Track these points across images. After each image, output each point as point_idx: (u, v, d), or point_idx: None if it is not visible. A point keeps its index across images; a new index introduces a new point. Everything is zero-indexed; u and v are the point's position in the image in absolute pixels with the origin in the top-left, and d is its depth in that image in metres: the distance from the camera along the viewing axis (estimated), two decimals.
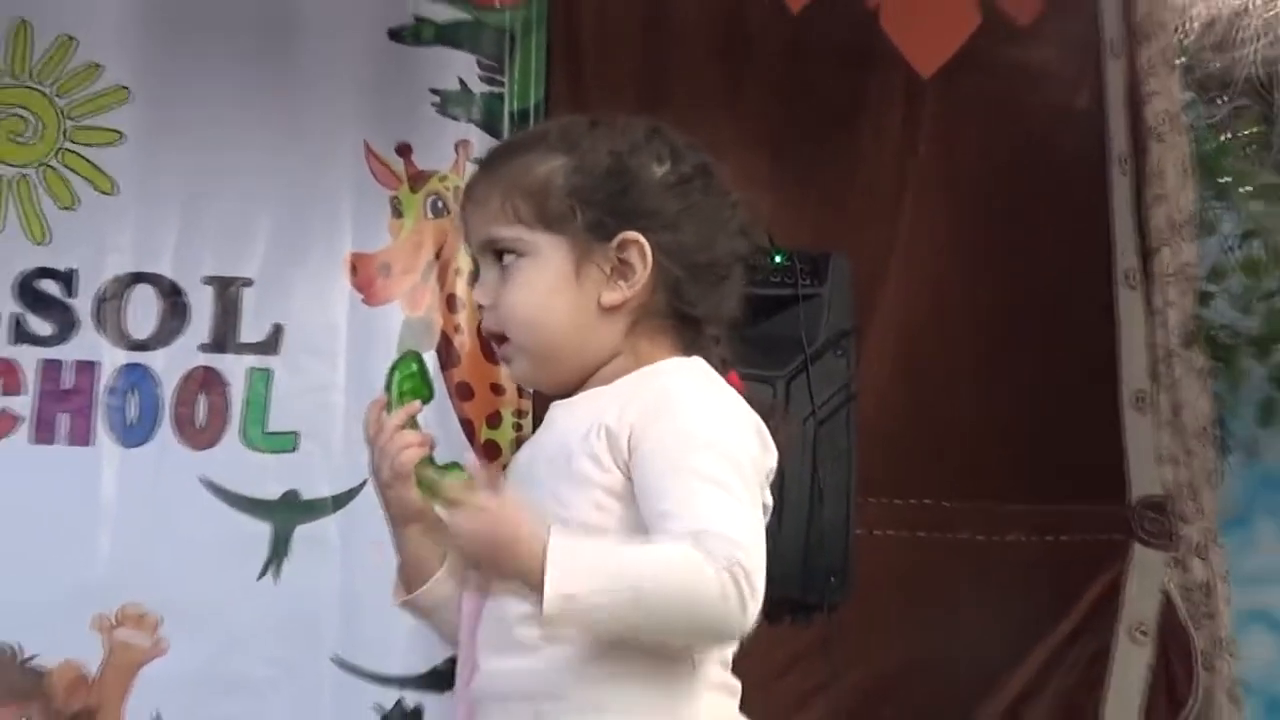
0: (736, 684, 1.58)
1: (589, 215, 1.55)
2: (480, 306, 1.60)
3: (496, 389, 2.88)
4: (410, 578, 1.58)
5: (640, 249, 1.52)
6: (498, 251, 1.56)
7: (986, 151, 3.16)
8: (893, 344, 3.10)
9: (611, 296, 1.54)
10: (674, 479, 1.45)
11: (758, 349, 1.95)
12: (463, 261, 2.85)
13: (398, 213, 2.91)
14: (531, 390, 2.24)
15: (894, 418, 2.99)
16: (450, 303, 2.91)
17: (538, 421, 1.61)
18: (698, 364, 1.57)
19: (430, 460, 1.49)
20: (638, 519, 1.43)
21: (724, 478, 1.47)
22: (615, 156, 1.56)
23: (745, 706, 1.60)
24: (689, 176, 1.59)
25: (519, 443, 2.45)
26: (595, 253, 1.54)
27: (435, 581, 1.56)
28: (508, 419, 2.82)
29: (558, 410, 1.57)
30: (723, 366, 1.59)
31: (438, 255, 2.92)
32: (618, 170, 1.56)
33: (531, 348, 1.55)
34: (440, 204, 2.92)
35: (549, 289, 1.54)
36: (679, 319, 1.57)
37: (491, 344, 1.59)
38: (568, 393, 1.57)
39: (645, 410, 1.49)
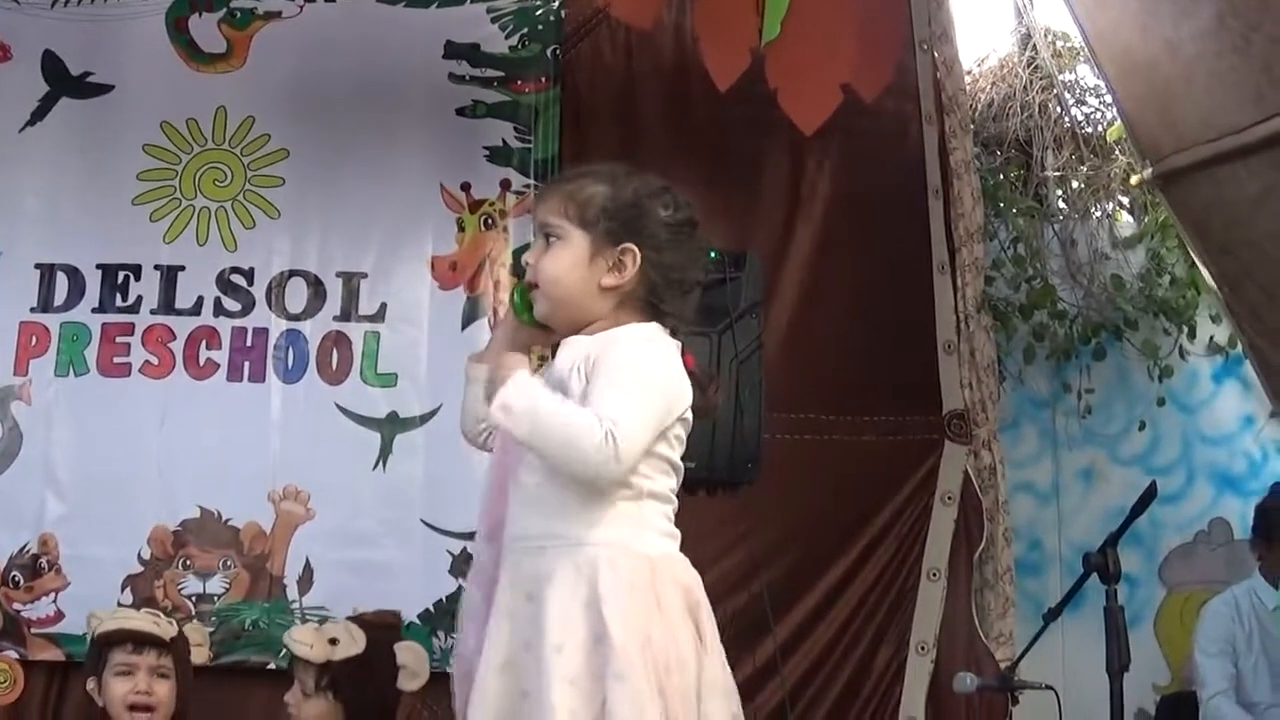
0: (677, 532, 2.24)
1: (608, 226, 2.25)
2: (527, 263, 2.35)
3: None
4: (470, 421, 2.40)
5: (634, 257, 2.23)
6: (546, 232, 2.29)
7: (846, 185, 4.35)
8: (787, 310, 4.28)
9: (607, 281, 2.24)
10: (602, 387, 2.13)
11: (700, 314, 2.47)
12: (505, 260, 4.25)
13: (461, 228, 4.28)
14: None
15: (788, 358, 4.13)
16: (496, 286, 4.24)
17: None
18: (649, 328, 2.24)
19: (522, 300, 2.30)
20: None
21: (630, 389, 2.13)
22: (637, 194, 2.27)
23: (686, 549, 2.25)
24: (680, 222, 2.29)
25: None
26: (605, 251, 2.24)
27: (483, 424, 2.35)
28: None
29: (561, 348, 2.27)
30: (680, 349, 2.25)
31: (488, 255, 4.27)
32: (636, 204, 2.26)
33: (549, 297, 2.27)
34: (490, 221, 4.27)
35: (569, 265, 2.25)
36: (650, 308, 2.26)
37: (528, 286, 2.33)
38: (567, 334, 2.27)
39: (604, 350, 2.17)
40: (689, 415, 2.24)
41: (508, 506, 2.26)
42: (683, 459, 2.28)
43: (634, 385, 2.15)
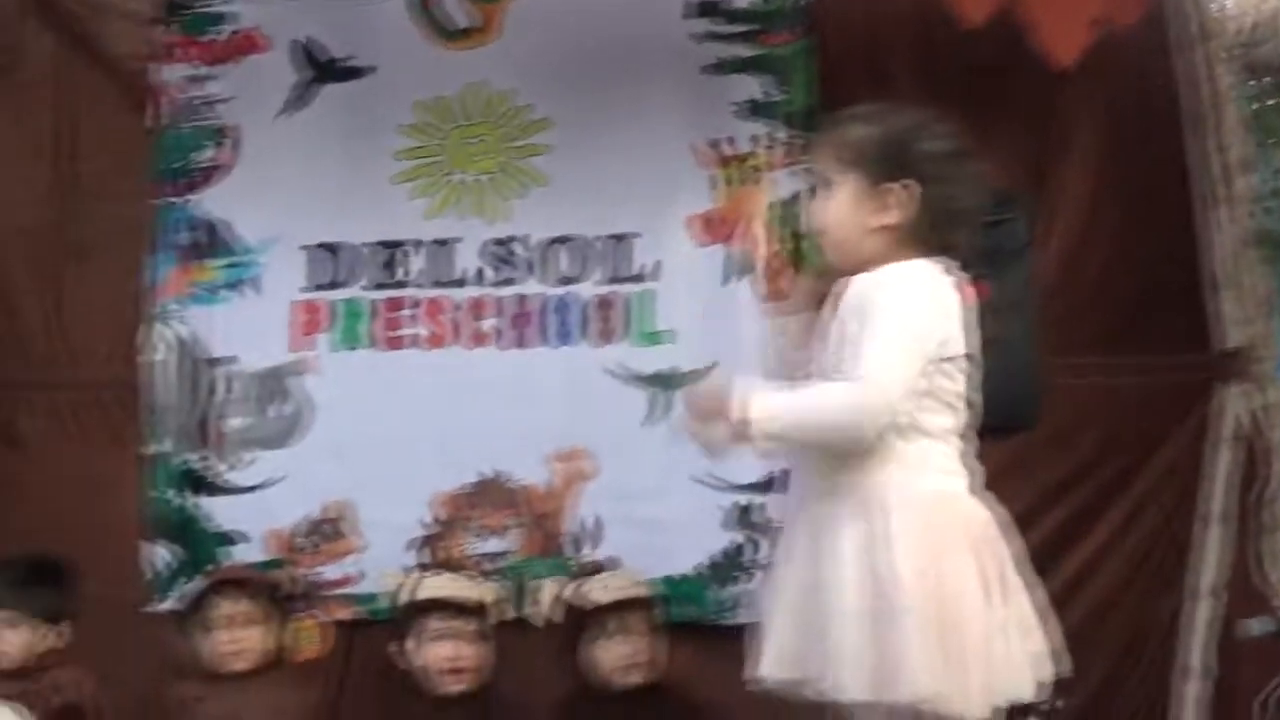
0: (964, 470, 2.36)
1: (880, 166, 2.37)
2: (808, 213, 2.63)
3: (777, 293, 4.15)
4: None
5: (909, 194, 2.36)
6: (823, 181, 2.45)
7: (1103, 121, 4.47)
8: (1052, 253, 4.41)
9: (885, 220, 2.37)
10: (861, 338, 2.27)
11: (981, 257, 2.53)
12: (764, 213, 4.48)
13: (720, 184, 4.52)
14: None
15: (1056, 302, 4.21)
16: (757, 240, 4.47)
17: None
18: (918, 265, 2.33)
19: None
20: None
21: (884, 335, 2.24)
22: (904, 131, 2.39)
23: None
24: (950, 153, 2.39)
25: None
26: (878, 191, 2.37)
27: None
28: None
29: (840, 285, 2.39)
30: (963, 280, 2.35)
31: (748, 210, 4.50)
32: (903, 140, 2.38)
33: (831, 244, 2.44)
34: (747, 176, 4.50)
35: (845, 209, 2.40)
36: (932, 241, 2.37)
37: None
38: (849, 274, 2.38)
39: (870, 292, 2.31)
40: (966, 350, 2.38)
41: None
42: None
43: (889, 330, 2.28)
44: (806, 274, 2.64)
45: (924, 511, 2.29)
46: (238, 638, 3.73)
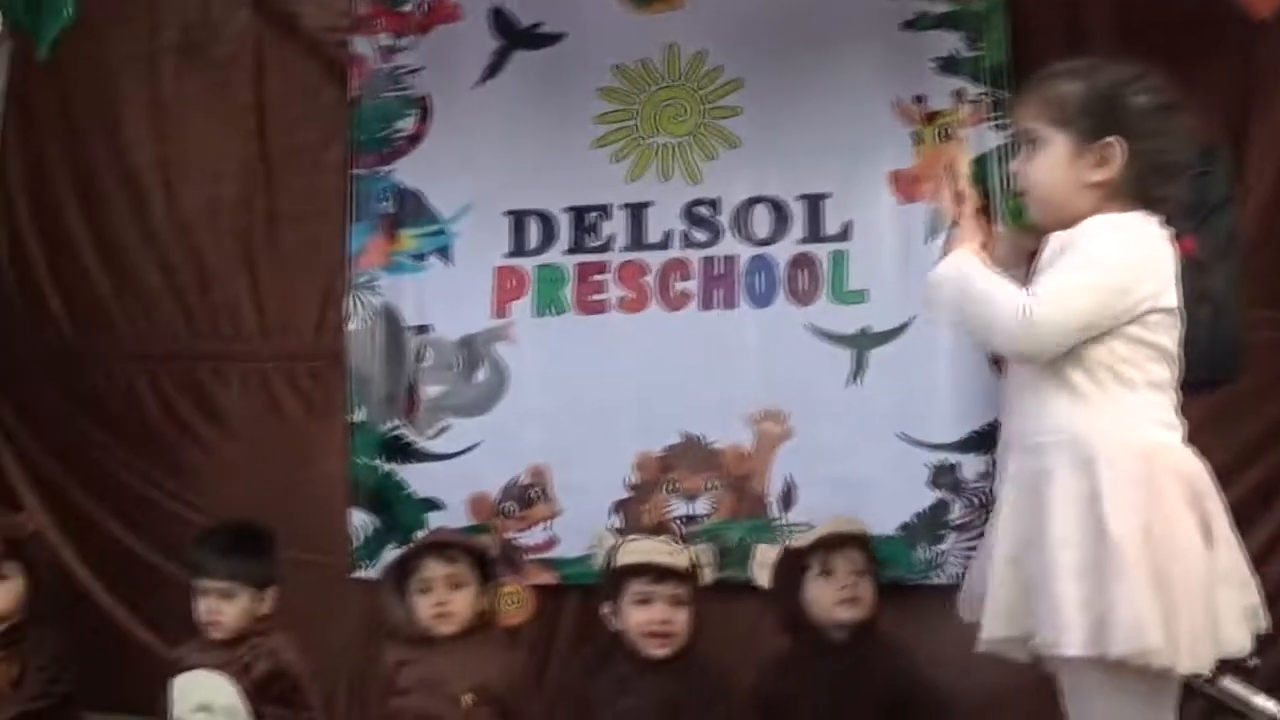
0: (1178, 423, 2.37)
1: (1088, 123, 2.37)
2: (1014, 172, 2.52)
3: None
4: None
5: (1117, 148, 2.35)
6: (1027, 138, 2.44)
7: None
8: (1256, 205, 4.37)
9: (1093, 177, 2.37)
10: (1050, 271, 2.32)
11: (1186, 211, 2.57)
12: (963, 169, 4.53)
13: (918, 141, 4.52)
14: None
15: (1260, 254, 4.23)
16: (958, 197, 4.57)
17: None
18: (1125, 216, 2.34)
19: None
20: None
21: (1072, 270, 2.26)
22: (1111, 86, 2.39)
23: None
24: (1159, 106, 2.39)
25: None
26: (1087, 147, 2.37)
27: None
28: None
29: (1044, 242, 2.41)
30: (1175, 236, 2.34)
31: (946, 167, 4.34)
32: (1112, 95, 2.38)
33: (1038, 202, 2.44)
34: (945, 133, 4.50)
35: (1054, 167, 2.40)
36: (1140, 197, 2.37)
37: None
38: (1055, 230, 2.40)
39: (1072, 239, 2.33)
40: (1174, 304, 2.36)
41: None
42: None
43: (1078, 267, 2.29)
44: (1008, 231, 2.60)
45: (1142, 463, 2.27)
46: (446, 600, 3.78)
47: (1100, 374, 2.33)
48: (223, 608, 3.73)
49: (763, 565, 3.70)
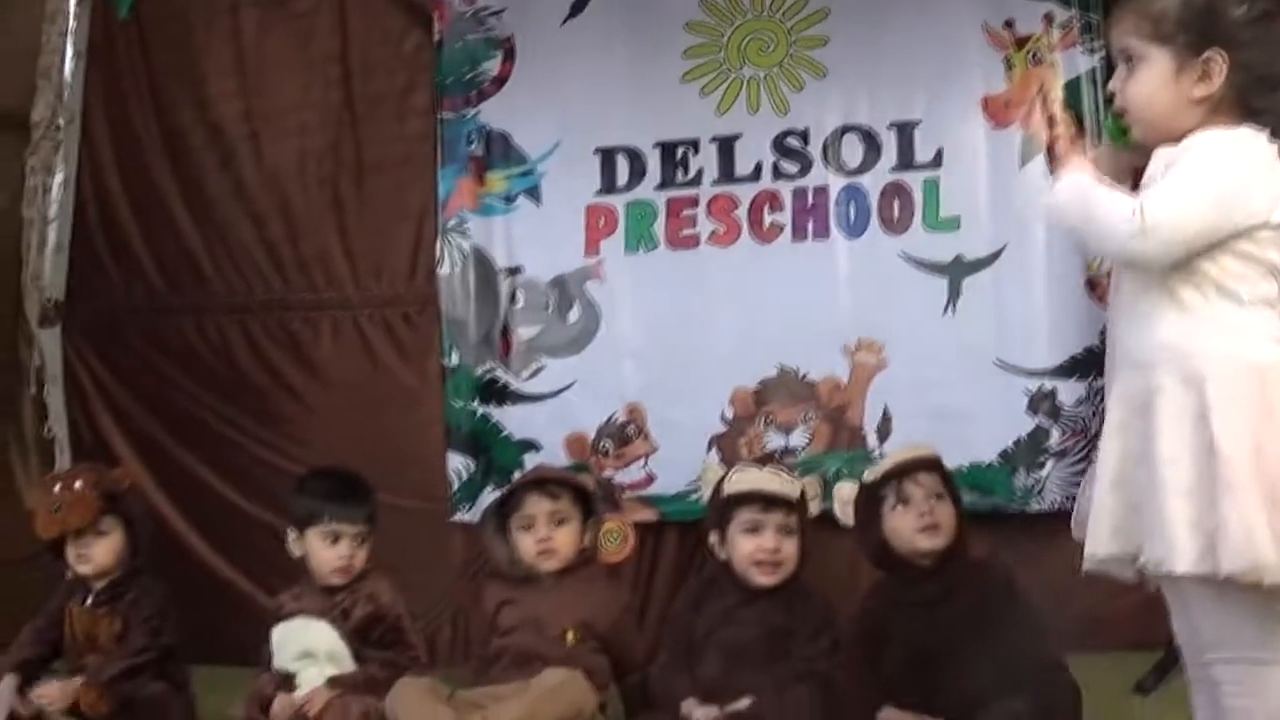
0: None
1: (1187, 37, 2.29)
2: (1113, 90, 2.39)
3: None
4: None
5: (1220, 63, 2.26)
6: (1126, 55, 2.33)
7: None
8: None
9: (1197, 92, 2.28)
10: (1161, 181, 2.28)
11: None
12: (1056, 92, 4.40)
13: (1009, 66, 4.47)
14: None
15: None
16: (1050, 121, 4.40)
17: None
18: (1233, 130, 2.26)
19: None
20: None
21: (1184, 178, 2.21)
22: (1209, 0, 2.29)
23: None
24: (1258, 16, 2.29)
25: None
26: (1188, 63, 2.29)
27: None
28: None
29: (1151, 160, 2.34)
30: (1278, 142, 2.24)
31: (1039, 91, 4.44)
32: (1209, 9, 2.29)
33: (1141, 120, 2.35)
34: (1037, 57, 4.44)
35: (1156, 84, 2.31)
36: (1244, 110, 2.28)
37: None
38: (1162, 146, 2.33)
39: (1182, 152, 2.28)
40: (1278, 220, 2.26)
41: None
42: None
43: (1191, 176, 2.23)
44: (1108, 148, 2.57)
45: (1253, 380, 2.21)
46: (550, 537, 3.77)
47: (1209, 290, 2.27)
48: (357, 553, 3.70)
49: (843, 503, 3.66)
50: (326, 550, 3.71)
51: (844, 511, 3.65)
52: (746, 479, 3.70)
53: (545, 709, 3.25)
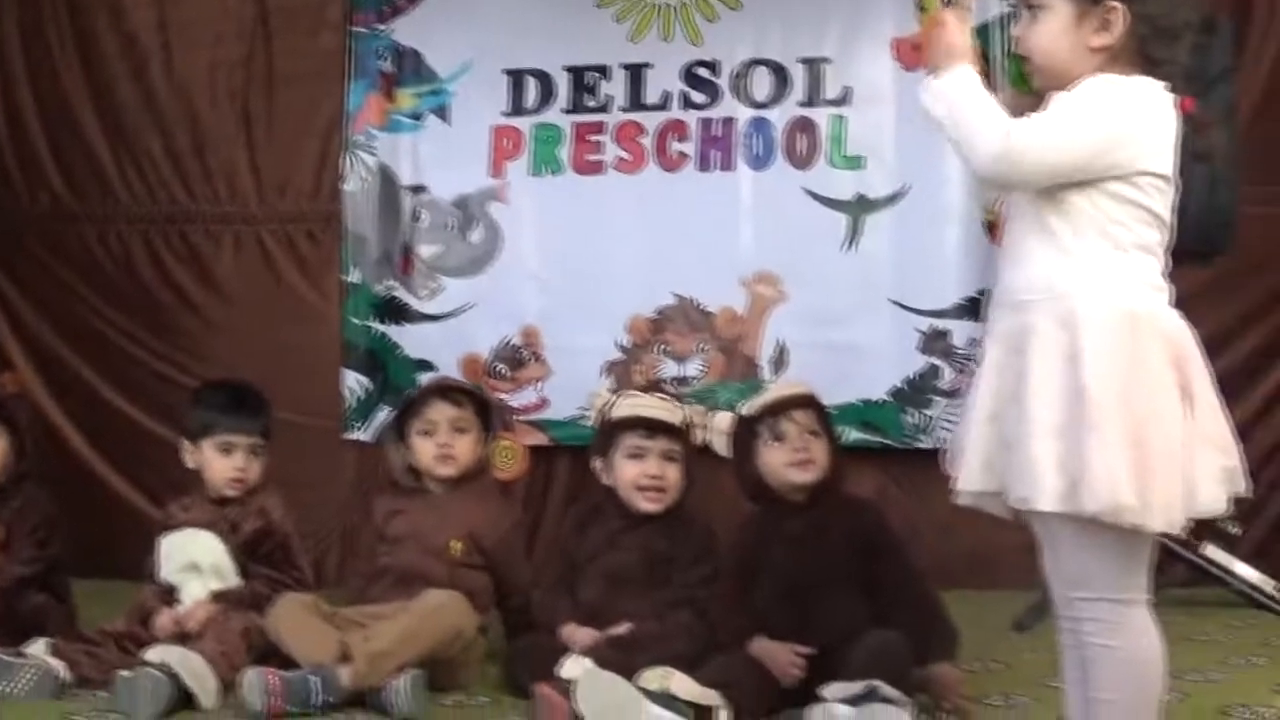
0: (1166, 285, 2.27)
1: None
2: (1016, 37, 2.38)
3: None
4: None
5: (1120, 13, 2.25)
6: (1030, 4, 2.32)
7: None
8: (1258, 78, 4.41)
9: (1096, 41, 2.26)
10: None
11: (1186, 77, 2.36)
12: (967, 39, 4.51)
13: (922, 9, 4.49)
14: None
15: (1259, 128, 4.25)
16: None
17: None
18: (1128, 79, 2.25)
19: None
20: None
21: (1059, 111, 2.21)
22: None
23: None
24: None
25: None
26: (1089, 12, 2.27)
27: None
28: None
29: (1051, 97, 2.29)
30: (1175, 95, 2.25)
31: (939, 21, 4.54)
32: None
33: (1041, 68, 2.33)
34: (946, 1, 4.33)
35: (1057, 33, 2.30)
36: (1142, 60, 2.27)
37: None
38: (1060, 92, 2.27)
39: (1072, 91, 2.24)
40: (1169, 170, 2.28)
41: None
42: None
43: (1067, 109, 2.22)
44: (1008, 94, 2.56)
45: (1126, 324, 2.20)
46: (450, 443, 3.73)
47: (1089, 234, 2.26)
48: (251, 465, 3.64)
49: (719, 433, 3.63)
50: (220, 461, 3.65)
51: (720, 442, 3.61)
52: (632, 405, 3.68)
53: (425, 630, 3.22)
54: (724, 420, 3.64)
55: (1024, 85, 2.44)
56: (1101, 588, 2.24)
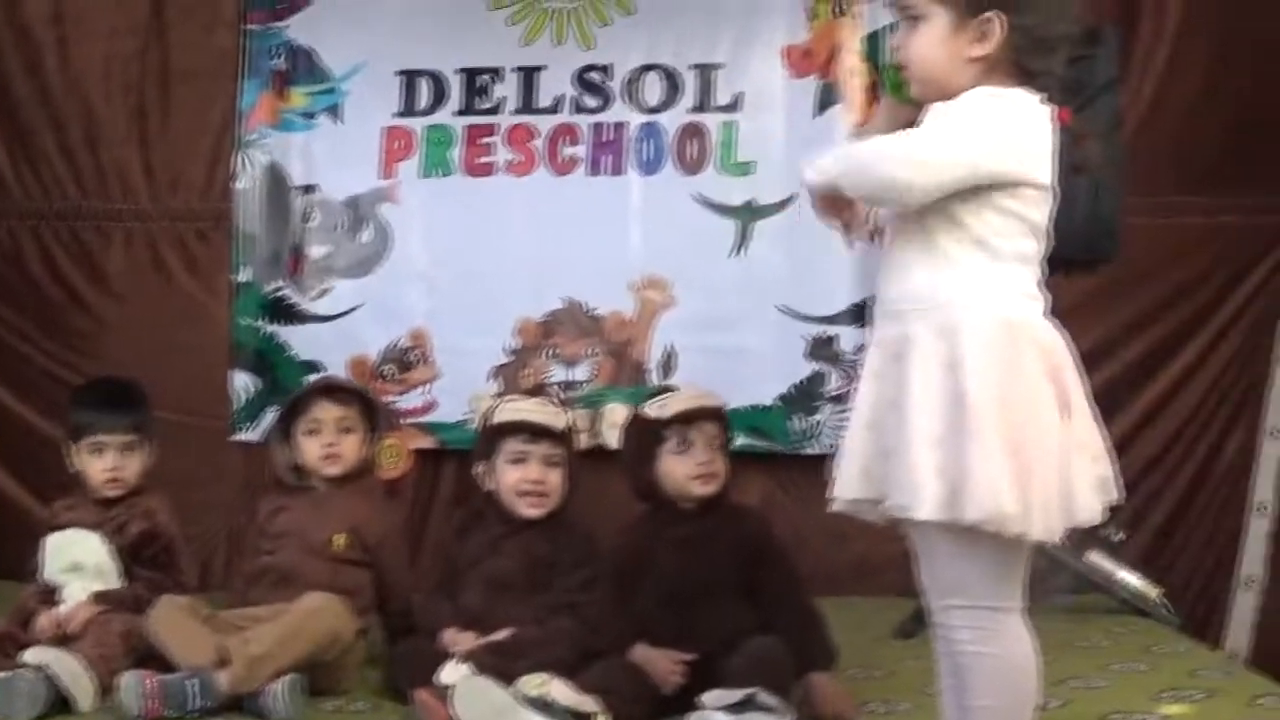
0: (1042, 295, 2.29)
1: None
2: (894, 47, 2.41)
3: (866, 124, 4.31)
4: None
5: (997, 24, 2.26)
6: (909, 14, 2.33)
7: None
8: (1145, 89, 4.42)
9: (973, 51, 2.27)
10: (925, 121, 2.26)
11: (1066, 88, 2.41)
12: (857, 46, 4.41)
13: (813, 16, 4.48)
14: None
15: (1145, 138, 4.27)
16: (850, 73, 4.37)
17: None
18: (1006, 90, 2.27)
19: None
20: None
21: (944, 122, 2.23)
22: None
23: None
24: None
25: None
26: (966, 22, 2.27)
27: None
28: None
29: (930, 108, 2.30)
30: (1053, 106, 2.27)
31: (840, 42, 4.44)
32: None
33: (919, 78, 2.34)
34: (841, 8, 4.46)
35: (934, 42, 2.31)
36: (1019, 71, 2.29)
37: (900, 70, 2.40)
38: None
39: (950, 103, 2.26)
40: (1047, 181, 2.29)
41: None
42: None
43: (951, 120, 2.23)
44: (890, 101, 2.58)
45: (1004, 333, 2.22)
46: (335, 442, 3.73)
47: (967, 243, 2.28)
48: (126, 463, 3.62)
49: (613, 425, 3.64)
50: (94, 462, 3.63)
51: (611, 434, 3.59)
52: (514, 409, 3.68)
53: (303, 634, 3.21)
54: (619, 413, 3.63)
55: (902, 94, 2.45)
56: (977, 596, 2.27)
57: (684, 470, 3.41)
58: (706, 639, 3.17)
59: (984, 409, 2.17)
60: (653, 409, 3.51)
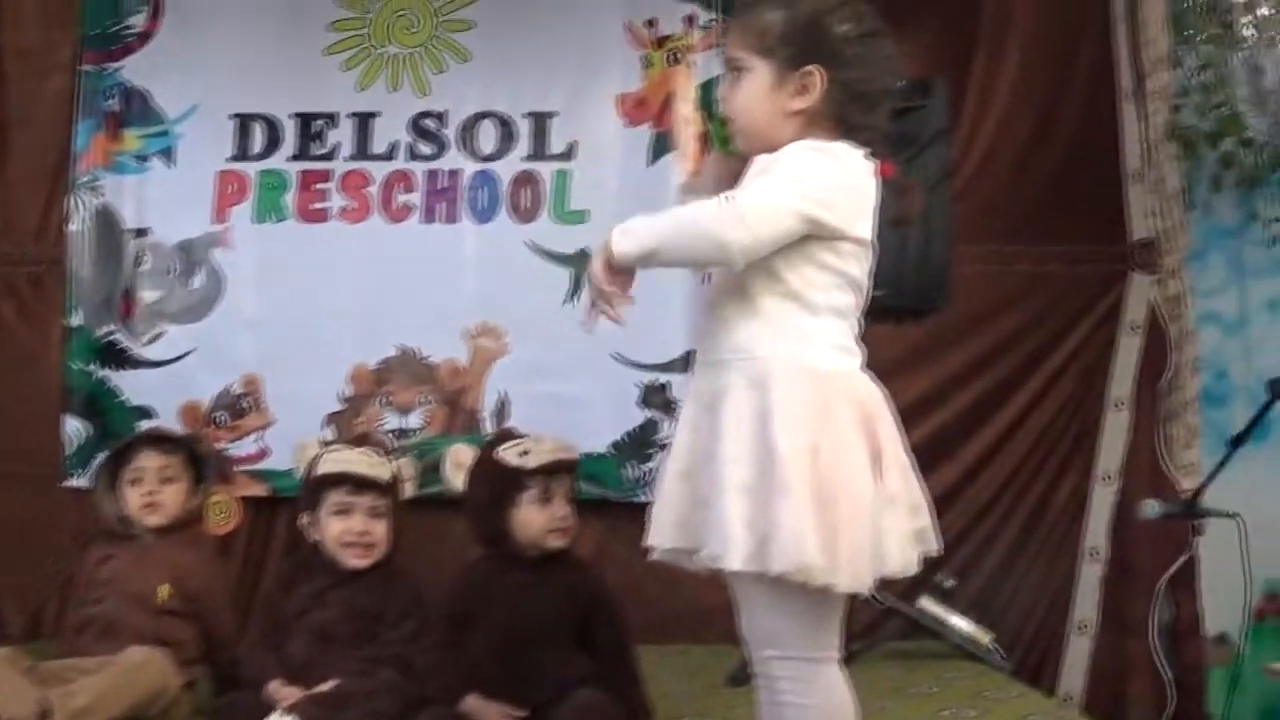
0: (857, 349, 2.32)
1: (788, 51, 2.31)
2: (720, 98, 2.50)
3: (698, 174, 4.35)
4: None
5: (818, 78, 2.30)
6: (734, 67, 2.38)
7: (1030, 11, 4.48)
8: (972, 139, 4.45)
9: (794, 105, 2.31)
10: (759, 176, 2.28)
11: (887, 142, 2.45)
12: (689, 93, 4.43)
13: (647, 65, 4.50)
14: None
15: (973, 188, 4.33)
16: (677, 122, 4.40)
17: None
18: (829, 144, 2.29)
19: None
20: None
21: (773, 178, 2.23)
22: (814, 15, 2.33)
23: (872, 368, 2.33)
24: (863, 34, 2.33)
25: None
26: (788, 76, 2.31)
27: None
28: None
29: (754, 160, 2.34)
30: (876, 159, 2.31)
31: (674, 91, 4.44)
32: (813, 24, 2.32)
33: (742, 130, 2.38)
34: (675, 57, 4.48)
35: (756, 95, 2.34)
36: (840, 125, 2.33)
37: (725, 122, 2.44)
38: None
39: (774, 159, 2.28)
40: (868, 236, 2.31)
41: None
42: (875, 289, 2.39)
43: (779, 176, 2.24)
44: (718, 154, 2.57)
45: (815, 386, 2.24)
46: (157, 491, 3.65)
47: (783, 296, 2.30)
48: None
49: (459, 465, 3.57)
50: None
51: (455, 476, 3.54)
52: (337, 460, 3.60)
53: (127, 687, 3.16)
54: (464, 454, 3.57)
55: (730, 147, 2.45)
56: (792, 646, 2.27)
57: (542, 522, 3.36)
58: (538, 688, 3.14)
59: (793, 460, 2.18)
60: (511, 455, 3.42)
